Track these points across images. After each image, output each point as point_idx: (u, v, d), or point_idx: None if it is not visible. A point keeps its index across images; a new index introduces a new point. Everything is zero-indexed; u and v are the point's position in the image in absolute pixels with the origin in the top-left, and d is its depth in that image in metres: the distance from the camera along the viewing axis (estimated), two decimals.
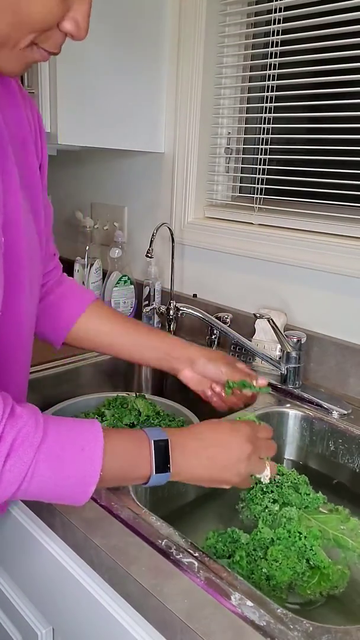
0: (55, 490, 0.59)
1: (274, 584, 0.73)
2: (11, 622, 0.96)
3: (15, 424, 0.56)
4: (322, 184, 1.23)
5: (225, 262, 1.40)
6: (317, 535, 0.78)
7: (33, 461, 0.56)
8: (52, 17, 0.56)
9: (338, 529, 0.83)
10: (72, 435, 0.60)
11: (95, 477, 0.60)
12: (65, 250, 1.89)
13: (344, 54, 1.12)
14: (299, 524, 0.80)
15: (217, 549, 0.78)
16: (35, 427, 0.58)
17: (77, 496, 0.61)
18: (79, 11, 0.58)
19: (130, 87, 1.37)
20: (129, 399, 1.11)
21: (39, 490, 0.58)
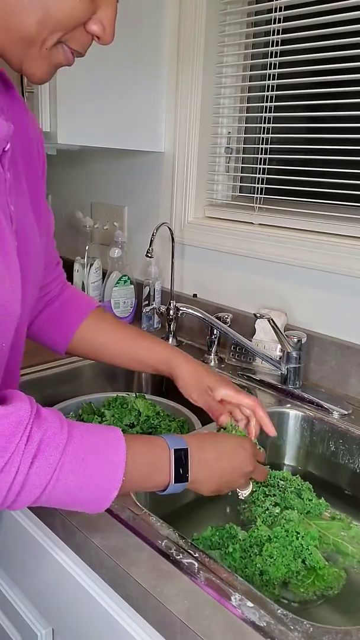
0: (77, 496, 0.58)
1: (266, 579, 0.74)
2: (11, 623, 0.96)
3: (41, 424, 0.56)
4: (322, 184, 1.23)
5: (225, 262, 1.39)
6: (314, 536, 0.78)
7: (59, 463, 0.56)
8: (79, 15, 0.58)
9: (339, 535, 0.83)
10: (96, 440, 0.60)
11: (117, 482, 0.60)
12: (65, 250, 1.89)
13: (344, 54, 1.12)
14: (298, 526, 0.80)
15: (213, 542, 0.78)
16: (60, 429, 0.57)
17: (99, 502, 0.60)
18: (105, 14, 0.60)
19: (130, 87, 1.37)
20: (129, 399, 1.11)
21: (61, 494, 0.57)
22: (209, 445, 0.72)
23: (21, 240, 0.68)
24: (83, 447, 0.58)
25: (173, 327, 1.40)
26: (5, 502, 0.55)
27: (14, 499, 0.55)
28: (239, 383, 1.21)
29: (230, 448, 0.74)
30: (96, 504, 0.61)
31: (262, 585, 0.74)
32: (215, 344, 1.31)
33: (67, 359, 1.28)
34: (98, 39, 0.62)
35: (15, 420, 0.54)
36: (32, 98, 1.23)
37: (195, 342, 1.44)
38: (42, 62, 0.61)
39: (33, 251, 0.73)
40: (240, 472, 0.74)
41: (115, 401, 1.11)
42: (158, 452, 0.66)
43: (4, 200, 0.64)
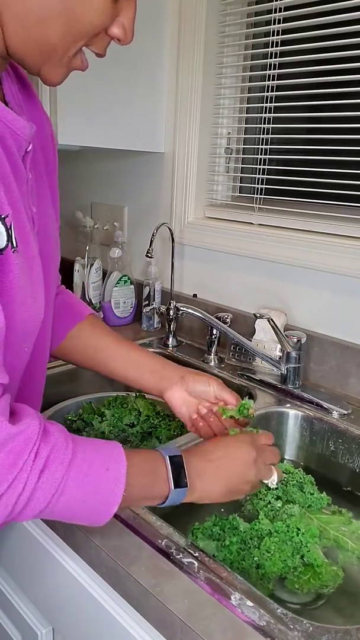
0: (80, 510, 0.60)
1: (262, 573, 0.74)
2: (11, 622, 0.96)
3: (48, 440, 0.57)
4: (322, 184, 1.23)
5: (225, 262, 1.40)
6: (314, 534, 0.78)
7: (63, 478, 0.57)
8: (103, 22, 0.58)
9: (339, 530, 0.83)
10: (98, 456, 0.61)
11: (118, 497, 0.61)
12: (65, 250, 1.89)
13: (344, 54, 1.12)
14: (299, 521, 0.80)
15: (213, 532, 0.79)
16: (65, 445, 0.58)
17: (100, 515, 0.62)
18: (127, 16, 0.60)
19: (131, 87, 1.37)
20: (129, 399, 1.11)
21: (64, 507, 0.58)
22: (204, 455, 0.72)
23: (42, 241, 0.68)
24: (86, 463, 0.59)
25: (173, 327, 1.40)
26: (10, 515, 0.56)
27: (19, 512, 0.56)
28: (239, 383, 1.21)
29: (224, 447, 0.74)
30: (98, 516, 0.62)
31: (257, 579, 0.74)
32: (215, 344, 1.31)
33: None
34: (119, 41, 0.62)
35: (25, 438, 0.55)
36: None
37: (195, 342, 1.44)
38: (61, 69, 0.61)
39: (53, 251, 0.73)
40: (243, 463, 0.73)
41: (115, 401, 1.11)
42: (154, 461, 0.67)
43: (26, 203, 0.63)
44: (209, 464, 0.71)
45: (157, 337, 1.46)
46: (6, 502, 0.54)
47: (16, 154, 0.60)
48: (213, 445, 0.76)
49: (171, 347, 1.40)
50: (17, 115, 0.60)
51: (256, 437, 0.78)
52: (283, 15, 1.21)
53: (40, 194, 0.70)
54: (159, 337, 1.45)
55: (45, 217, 0.71)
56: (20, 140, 0.61)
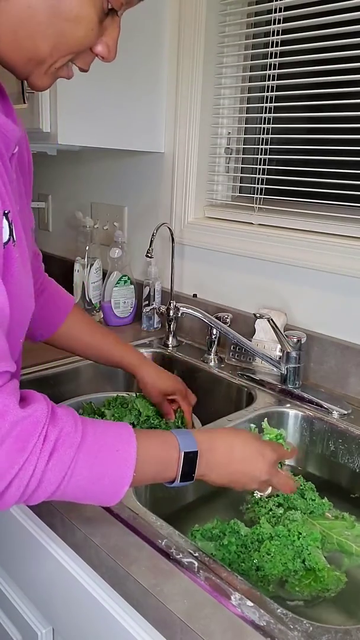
0: (91, 490, 0.61)
1: (262, 575, 0.74)
2: (11, 622, 0.96)
3: (56, 423, 0.59)
4: (322, 184, 1.23)
5: (225, 262, 1.40)
6: (316, 538, 0.78)
7: (73, 460, 0.58)
8: (90, 41, 0.62)
9: (342, 535, 0.83)
10: (108, 437, 0.62)
11: (128, 478, 0.62)
12: (65, 250, 1.90)
13: (344, 54, 1.12)
14: (301, 526, 0.80)
15: (213, 534, 0.79)
16: (75, 427, 0.60)
17: (110, 496, 0.63)
18: (111, 36, 0.64)
19: (130, 87, 1.37)
20: (129, 399, 1.11)
21: (75, 489, 0.60)
22: (223, 448, 0.72)
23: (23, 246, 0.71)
24: (96, 445, 0.60)
25: (173, 327, 1.40)
26: (22, 497, 0.57)
27: (30, 494, 0.57)
28: (239, 383, 1.21)
29: (247, 452, 0.73)
30: (109, 497, 0.63)
31: (257, 580, 0.74)
32: (215, 344, 1.31)
33: (67, 359, 1.28)
34: (102, 59, 0.66)
35: (33, 421, 0.57)
36: (32, 99, 1.23)
37: (195, 342, 1.44)
38: (47, 77, 0.65)
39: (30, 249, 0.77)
40: (253, 478, 0.73)
41: (115, 401, 1.11)
42: (168, 451, 0.68)
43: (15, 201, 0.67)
44: (224, 455, 0.72)
45: (157, 337, 1.46)
46: (18, 484, 0.55)
47: (5, 155, 0.64)
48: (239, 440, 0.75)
49: (171, 347, 1.40)
50: (6, 118, 0.64)
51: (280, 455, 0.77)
52: (283, 15, 1.21)
53: (21, 194, 0.74)
54: (159, 337, 1.45)
55: (24, 216, 0.74)
56: (9, 142, 0.65)
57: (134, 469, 0.62)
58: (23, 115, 1.25)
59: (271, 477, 0.75)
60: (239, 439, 0.75)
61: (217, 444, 0.72)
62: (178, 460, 0.67)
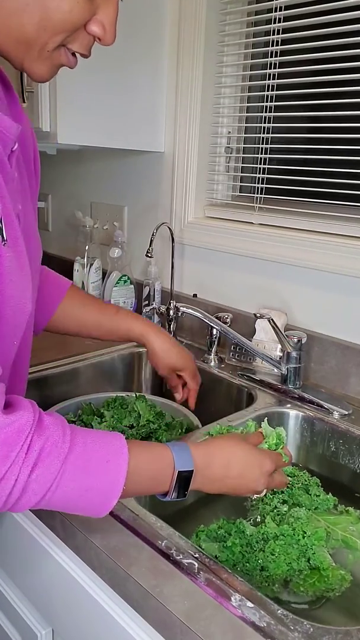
0: (78, 502, 0.60)
1: (266, 575, 0.74)
2: (11, 623, 0.96)
3: (42, 433, 0.57)
4: (322, 184, 1.23)
5: (225, 262, 1.39)
6: (321, 537, 0.78)
7: (59, 472, 0.57)
8: (78, 17, 0.58)
9: (347, 530, 0.83)
10: (98, 448, 0.60)
11: (118, 491, 0.61)
12: (65, 250, 1.90)
13: (344, 54, 1.12)
14: (306, 524, 0.80)
15: (218, 535, 0.78)
16: (62, 438, 0.58)
17: (99, 508, 0.62)
18: (105, 14, 0.60)
19: (131, 87, 1.37)
20: (129, 400, 1.11)
21: (62, 500, 0.58)
22: (219, 464, 0.70)
23: (26, 238, 0.69)
24: (85, 456, 0.59)
25: (173, 327, 1.40)
26: (5, 506, 0.56)
27: (13, 504, 0.56)
28: (239, 383, 1.21)
29: (243, 466, 0.72)
30: (97, 509, 0.62)
31: (261, 580, 0.74)
32: (215, 344, 1.31)
33: (67, 359, 1.28)
34: (99, 40, 0.62)
35: (16, 429, 0.55)
36: (32, 98, 1.23)
37: (195, 342, 1.43)
38: (43, 63, 0.61)
39: (36, 247, 0.76)
40: (248, 489, 0.73)
41: (115, 402, 1.10)
42: (162, 467, 0.66)
43: (13, 200, 0.65)
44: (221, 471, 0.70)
45: None
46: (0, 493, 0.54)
47: (2, 153, 0.61)
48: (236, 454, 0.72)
49: None
50: (3, 115, 0.61)
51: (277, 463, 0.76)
52: (283, 15, 1.21)
53: (23, 192, 0.72)
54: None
55: (28, 215, 0.72)
56: (7, 139, 0.62)
57: (124, 482, 0.60)
58: None
59: (269, 485, 0.74)
60: (237, 453, 0.73)
61: (214, 460, 0.70)
62: (172, 477, 0.66)
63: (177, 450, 0.67)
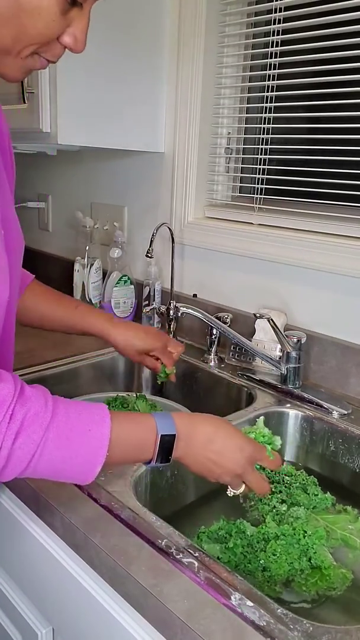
0: (63, 469, 0.62)
1: (268, 576, 0.74)
2: (11, 622, 0.96)
3: (24, 403, 0.59)
4: (322, 184, 1.23)
5: (225, 262, 1.40)
6: (321, 536, 0.78)
7: (42, 439, 0.59)
8: (52, 32, 0.61)
9: (346, 529, 0.83)
10: (81, 417, 0.63)
11: (101, 458, 0.63)
12: (65, 251, 1.90)
13: (344, 54, 1.12)
14: (306, 523, 0.80)
15: (219, 536, 0.78)
16: (44, 407, 0.60)
17: (83, 475, 0.64)
18: (78, 27, 0.62)
19: (130, 87, 1.37)
20: (130, 400, 1.11)
21: (46, 468, 0.60)
22: (202, 435, 0.72)
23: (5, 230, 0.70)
24: (68, 424, 0.61)
25: (173, 327, 1.40)
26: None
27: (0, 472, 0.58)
28: (239, 383, 1.21)
29: (227, 445, 0.72)
30: (82, 476, 0.64)
31: (263, 581, 0.74)
32: (215, 344, 1.31)
33: (67, 359, 1.28)
34: (71, 49, 0.64)
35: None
36: (32, 98, 1.23)
37: (195, 342, 1.44)
38: (16, 68, 0.64)
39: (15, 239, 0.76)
40: (227, 470, 0.72)
41: (115, 401, 1.11)
42: (145, 433, 0.68)
43: None
44: (203, 442, 0.71)
45: None
46: None
47: None
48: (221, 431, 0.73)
49: None
50: None
51: (260, 457, 0.76)
52: (283, 15, 1.21)
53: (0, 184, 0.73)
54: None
55: (5, 207, 0.73)
56: None
57: (107, 449, 0.62)
58: (23, 115, 1.25)
59: (245, 473, 0.74)
60: (220, 430, 0.74)
61: (196, 430, 0.72)
62: (155, 443, 0.67)
63: (159, 417, 0.69)
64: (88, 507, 0.75)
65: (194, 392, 1.10)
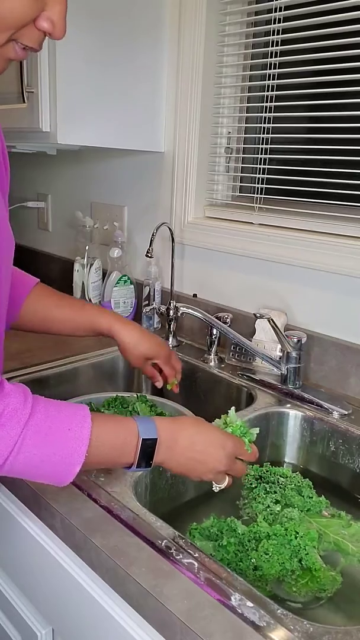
0: (40, 468, 0.61)
1: (259, 575, 0.74)
2: (11, 623, 0.96)
3: (3, 399, 0.58)
4: (322, 184, 1.23)
5: (225, 262, 1.39)
6: (313, 537, 0.78)
7: (20, 436, 0.58)
8: (25, 14, 0.58)
9: (339, 533, 0.83)
10: (60, 416, 0.62)
11: (80, 458, 0.62)
12: (65, 250, 1.90)
13: (344, 54, 1.12)
14: (298, 524, 0.80)
15: (211, 533, 0.79)
16: (23, 404, 0.59)
17: (61, 476, 0.63)
18: (53, 10, 0.59)
19: (131, 87, 1.37)
20: (129, 400, 1.11)
21: (24, 466, 0.60)
22: (184, 437, 0.72)
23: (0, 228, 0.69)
24: (47, 422, 0.60)
25: (173, 327, 1.40)
26: None
27: None
28: (239, 383, 1.21)
29: (207, 444, 0.73)
30: (60, 476, 0.63)
31: (254, 580, 0.74)
32: (215, 344, 1.31)
33: (67, 359, 1.28)
34: (49, 35, 0.61)
35: None
36: (32, 98, 1.23)
37: (195, 342, 1.43)
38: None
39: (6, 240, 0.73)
40: (211, 468, 0.73)
41: (115, 401, 1.10)
42: (126, 436, 0.67)
43: None
44: (185, 444, 0.71)
45: None
46: None
47: None
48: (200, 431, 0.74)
49: (171, 347, 1.40)
50: None
51: (239, 450, 0.76)
52: (283, 15, 1.21)
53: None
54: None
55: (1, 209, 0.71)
56: None
57: (87, 450, 0.62)
58: (23, 115, 1.25)
59: (229, 468, 0.75)
60: (201, 430, 0.74)
61: (178, 433, 0.72)
62: (136, 447, 0.67)
63: (141, 421, 0.69)
64: (88, 508, 0.75)
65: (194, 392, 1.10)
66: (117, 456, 0.67)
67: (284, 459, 1.14)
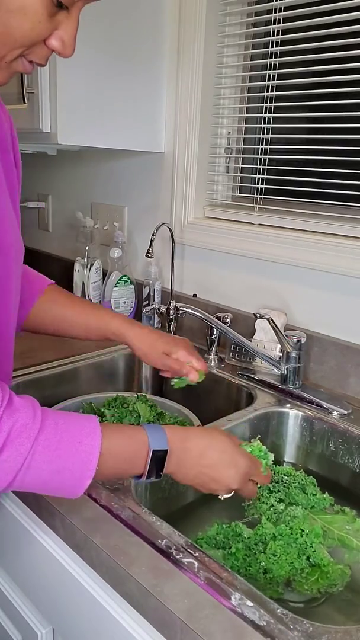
0: (51, 482, 0.60)
1: (270, 577, 0.74)
2: (11, 622, 0.96)
3: (12, 414, 0.57)
4: (322, 184, 1.23)
5: (225, 262, 1.40)
6: (318, 534, 0.78)
7: (30, 452, 0.57)
8: (39, 35, 0.59)
9: (343, 529, 0.83)
10: (70, 429, 0.61)
11: (90, 472, 0.61)
12: (65, 251, 1.90)
13: (344, 54, 1.12)
14: (302, 522, 0.80)
15: (217, 541, 0.78)
16: (33, 419, 0.59)
17: (72, 489, 0.62)
18: (66, 30, 0.61)
19: (130, 87, 1.37)
20: (130, 400, 1.11)
21: (34, 481, 0.59)
22: (195, 450, 0.70)
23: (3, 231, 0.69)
24: (56, 436, 0.60)
25: (173, 327, 1.40)
26: None
27: None
28: (239, 383, 1.21)
29: (218, 461, 0.71)
30: (71, 490, 0.62)
31: (266, 583, 0.74)
32: (215, 344, 1.31)
33: (67, 359, 1.28)
34: (58, 54, 0.63)
35: None
36: (32, 98, 1.23)
37: (195, 342, 1.43)
38: (1, 72, 0.62)
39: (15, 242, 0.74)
40: (222, 486, 0.72)
41: (115, 401, 1.11)
42: (136, 447, 0.66)
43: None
44: (196, 458, 0.70)
45: None
46: None
47: None
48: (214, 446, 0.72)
49: None
50: None
51: (253, 471, 0.75)
52: (283, 15, 1.21)
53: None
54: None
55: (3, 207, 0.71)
56: None
57: (97, 463, 0.61)
58: (23, 115, 1.25)
59: (240, 488, 0.73)
60: (214, 442, 0.72)
61: (189, 444, 0.70)
62: (146, 459, 0.66)
63: (151, 430, 0.68)
64: (88, 508, 0.75)
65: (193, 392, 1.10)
66: (127, 468, 0.67)
67: (283, 459, 1.14)
